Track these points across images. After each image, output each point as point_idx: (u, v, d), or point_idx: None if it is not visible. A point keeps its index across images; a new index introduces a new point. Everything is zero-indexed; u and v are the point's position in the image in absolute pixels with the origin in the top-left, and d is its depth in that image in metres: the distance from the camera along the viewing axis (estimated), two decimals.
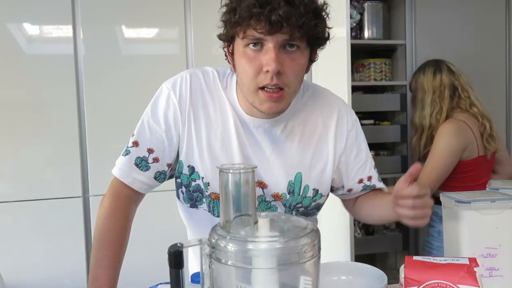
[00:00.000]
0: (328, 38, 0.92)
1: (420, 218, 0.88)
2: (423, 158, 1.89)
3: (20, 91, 2.05)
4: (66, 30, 2.09)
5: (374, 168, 1.10)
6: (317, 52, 0.96)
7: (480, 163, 1.84)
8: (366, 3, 2.45)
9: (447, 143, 1.76)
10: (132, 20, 2.15)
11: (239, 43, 0.89)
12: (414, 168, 0.86)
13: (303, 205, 1.04)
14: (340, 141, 1.04)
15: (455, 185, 1.79)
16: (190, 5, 2.19)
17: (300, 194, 1.02)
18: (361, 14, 2.46)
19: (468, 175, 1.82)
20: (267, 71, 0.85)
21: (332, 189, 1.11)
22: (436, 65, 1.92)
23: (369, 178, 1.08)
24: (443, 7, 2.46)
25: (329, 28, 0.91)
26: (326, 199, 1.08)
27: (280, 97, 0.89)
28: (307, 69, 0.95)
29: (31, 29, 2.06)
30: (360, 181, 1.08)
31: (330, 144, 1.03)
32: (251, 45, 0.86)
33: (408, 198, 0.86)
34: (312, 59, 0.95)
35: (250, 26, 0.83)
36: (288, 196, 1.01)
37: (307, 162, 1.02)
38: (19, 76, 2.05)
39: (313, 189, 1.03)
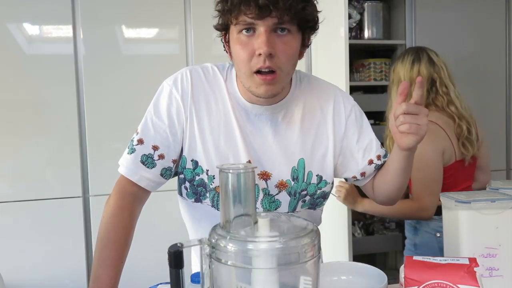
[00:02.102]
0: (317, 21, 0.95)
1: (415, 128, 0.90)
2: None
3: (20, 91, 2.05)
4: (66, 30, 2.09)
5: (382, 147, 1.11)
6: (310, 37, 0.98)
7: (458, 169, 1.63)
8: (366, 3, 2.45)
9: (423, 153, 1.43)
10: (132, 20, 2.15)
11: (233, 30, 0.92)
12: (401, 86, 0.91)
13: (308, 193, 1.05)
14: (338, 126, 1.06)
15: None
16: (190, 5, 2.19)
17: (305, 181, 1.04)
18: (361, 14, 2.46)
19: (446, 182, 1.60)
20: (260, 54, 0.89)
21: (347, 179, 1.13)
22: (416, 54, 1.67)
23: (378, 157, 1.09)
24: (443, 7, 2.46)
25: (318, 11, 0.95)
26: (332, 187, 1.10)
27: (273, 79, 0.92)
28: (301, 54, 0.98)
29: (31, 29, 2.06)
30: (370, 162, 1.09)
31: (330, 129, 1.06)
32: (244, 31, 0.90)
33: (399, 116, 0.90)
34: (305, 44, 0.98)
35: (241, 12, 0.87)
36: (292, 182, 1.03)
37: (309, 148, 1.04)
38: (19, 76, 2.05)
39: (317, 175, 1.05)
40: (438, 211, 1.48)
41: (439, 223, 1.39)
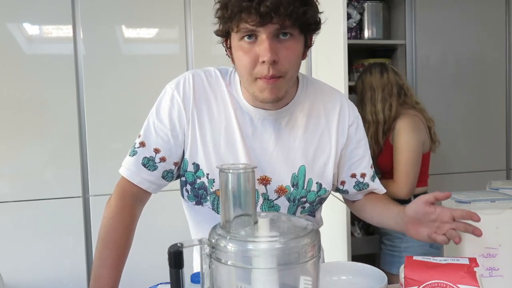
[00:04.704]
0: (319, 23, 0.93)
1: (450, 233, 0.88)
2: (383, 150, 1.93)
3: (20, 91, 2.05)
4: (66, 30, 2.09)
5: (371, 168, 1.11)
6: (313, 37, 0.97)
7: (427, 159, 1.90)
8: (366, 3, 2.45)
9: (408, 140, 1.81)
10: (132, 20, 2.16)
11: (234, 37, 0.91)
12: (443, 195, 0.89)
13: (308, 200, 1.04)
14: (341, 135, 1.06)
15: None
16: (190, 5, 2.19)
17: (304, 188, 1.03)
18: (361, 14, 2.46)
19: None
20: (263, 62, 0.87)
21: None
22: (382, 66, 1.99)
23: (363, 175, 1.09)
24: (443, 7, 2.46)
25: (320, 12, 0.93)
26: (329, 194, 1.10)
27: (277, 82, 0.90)
28: (304, 55, 0.96)
29: (31, 29, 2.06)
30: (353, 175, 1.09)
31: (333, 138, 1.05)
32: (245, 38, 0.88)
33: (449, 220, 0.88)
34: (307, 45, 0.96)
35: (242, 19, 0.85)
36: (292, 189, 1.02)
37: (311, 155, 1.03)
38: (19, 76, 2.05)
39: (317, 183, 1.04)
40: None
41: None
